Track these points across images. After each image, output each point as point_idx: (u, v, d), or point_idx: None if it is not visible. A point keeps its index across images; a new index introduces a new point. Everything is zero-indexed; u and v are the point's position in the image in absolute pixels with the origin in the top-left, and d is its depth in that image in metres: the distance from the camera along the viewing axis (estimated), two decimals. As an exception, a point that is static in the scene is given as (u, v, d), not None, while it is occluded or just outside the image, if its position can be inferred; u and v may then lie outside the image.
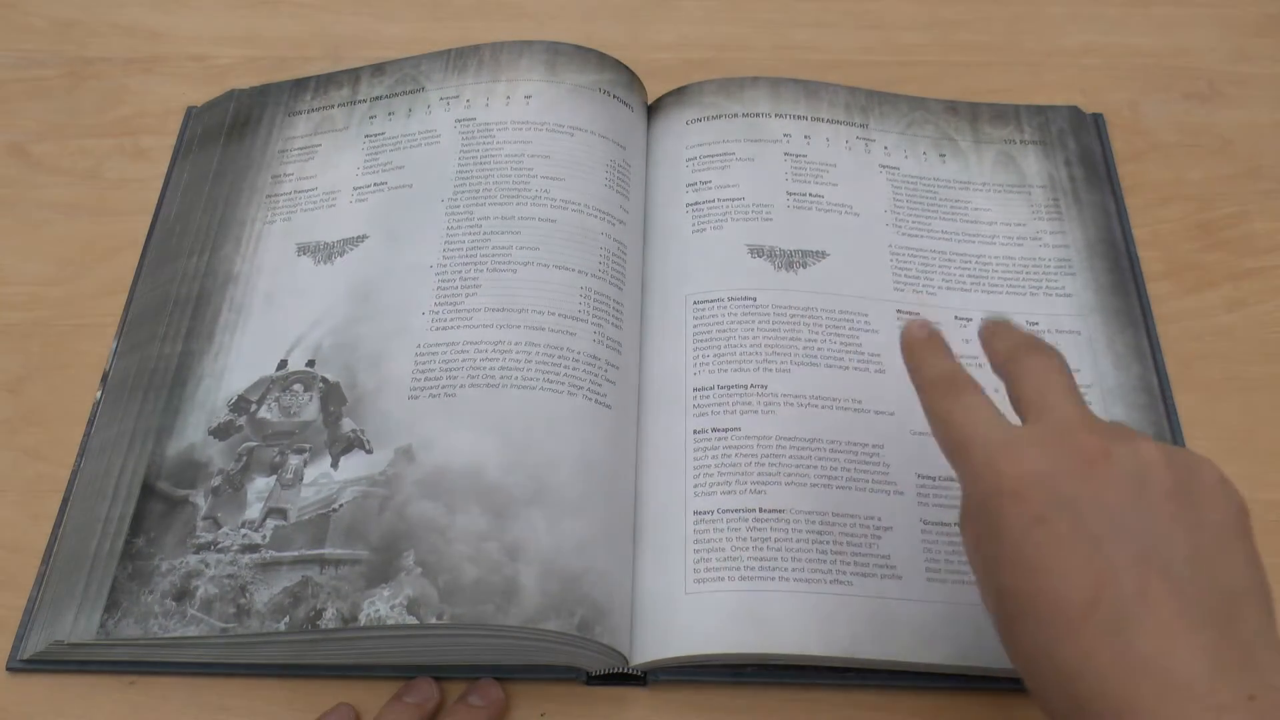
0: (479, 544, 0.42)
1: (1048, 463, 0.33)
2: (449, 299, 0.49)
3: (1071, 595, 0.31)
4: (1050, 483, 0.33)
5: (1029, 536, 0.32)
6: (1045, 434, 0.34)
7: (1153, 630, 0.30)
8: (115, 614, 0.43)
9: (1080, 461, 0.33)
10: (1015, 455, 0.34)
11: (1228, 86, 0.62)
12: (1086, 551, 0.31)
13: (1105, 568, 0.31)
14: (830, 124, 0.57)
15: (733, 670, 0.44)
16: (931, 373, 0.38)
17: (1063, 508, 0.32)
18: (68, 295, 0.55)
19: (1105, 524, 0.32)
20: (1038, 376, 0.37)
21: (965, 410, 0.36)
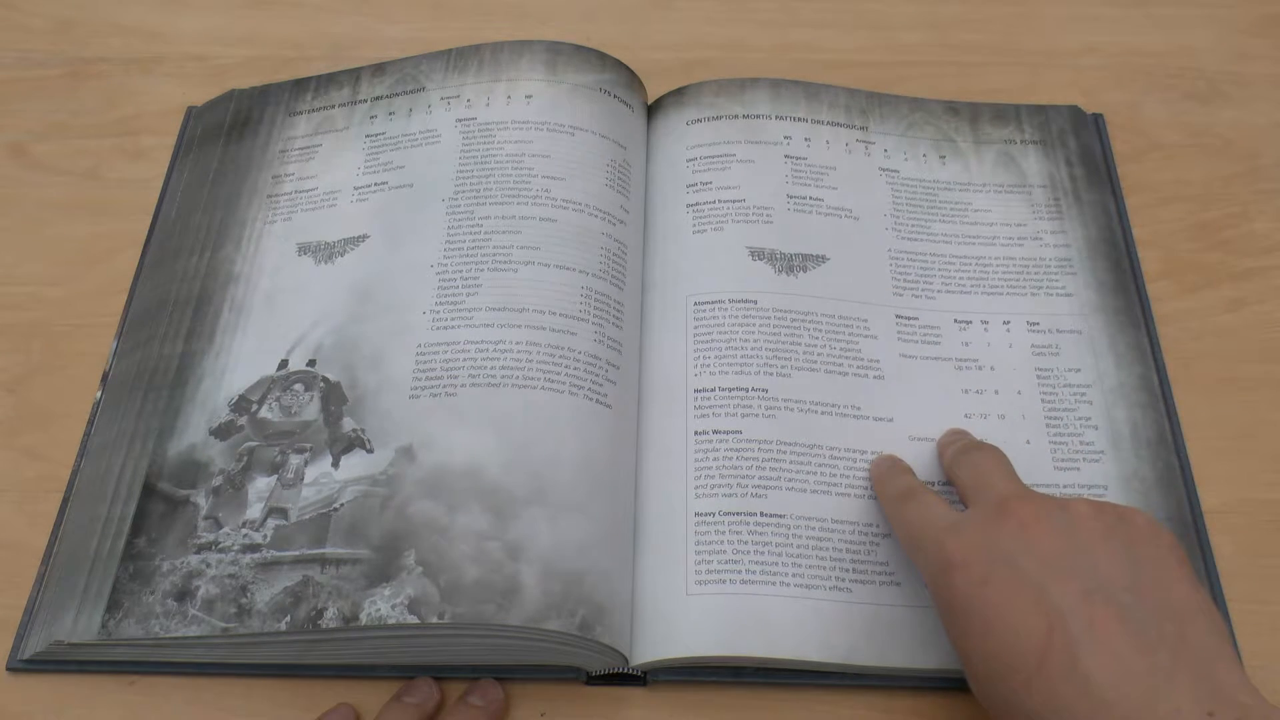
0: (480, 543, 0.42)
1: (986, 532, 0.37)
2: (449, 298, 0.49)
3: (1025, 644, 0.33)
4: (990, 547, 0.36)
5: (977, 598, 0.35)
6: (983, 510, 0.38)
7: (1107, 659, 0.32)
8: (116, 614, 0.43)
9: (1015, 524, 0.36)
10: (958, 533, 0.37)
11: (1228, 86, 0.62)
12: (1032, 598, 0.34)
13: (1051, 609, 0.33)
14: (830, 126, 0.57)
15: (733, 671, 0.44)
16: (891, 489, 0.44)
17: (1003, 564, 0.35)
18: (68, 295, 0.55)
19: (1045, 570, 0.34)
20: (976, 467, 0.42)
21: (917, 508, 0.41)
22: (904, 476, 0.44)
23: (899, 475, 0.45)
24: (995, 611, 0.34)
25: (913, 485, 0.43)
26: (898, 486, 0.44)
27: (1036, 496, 0.38)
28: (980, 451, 0.43)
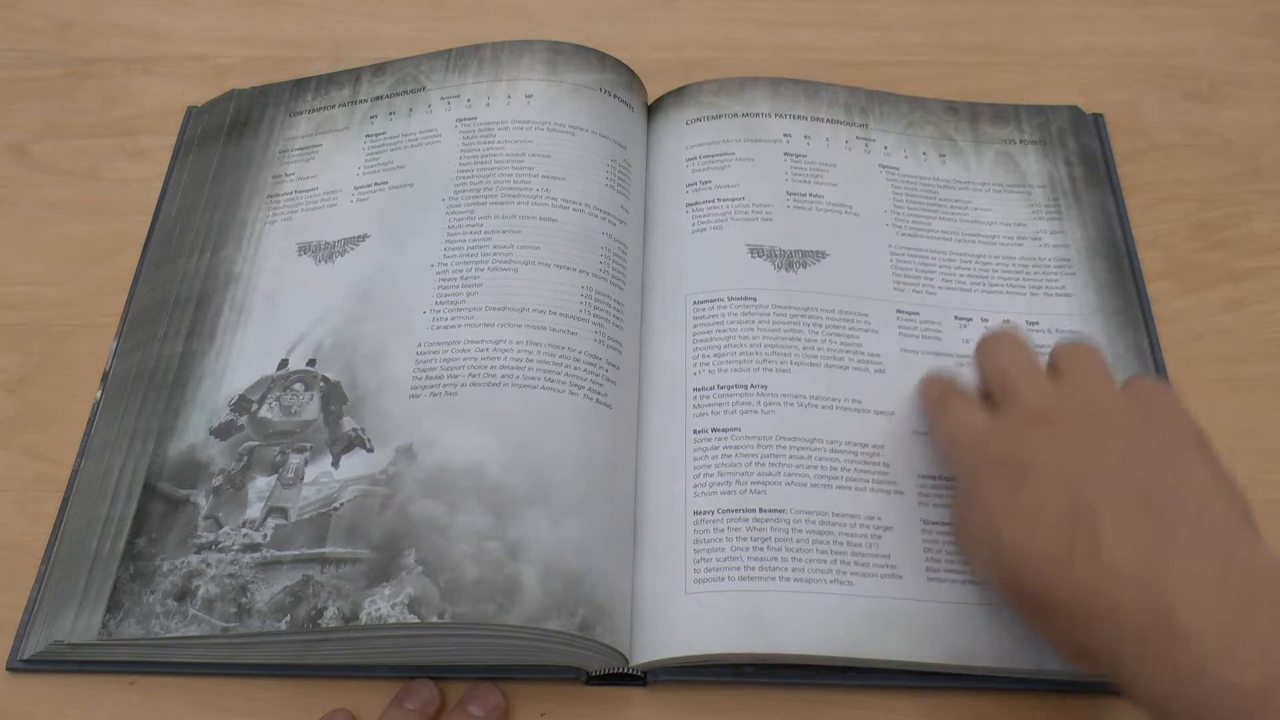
0: (480, 543, 0.42)
1: (1020, 437, 0.39)
2: (450, 298, 0.49)
3: (1056, 538, 0.36)
4: (1022, 452, 0.39)
5: (1011, 498, 0.38)
6: (1015, 419, 0.40)
7: (1128, 542, 0.35)
8: (117, 614, 0.43)
9: (1046, 431, 0.39)
10: (990, 442, 0.40)
11: (1228, 86, 0.62)
12: (1064, 498, 0.37)
13: (1080, 505, 0.36)
14: (830, 124, 0.57)
15: (733, 670, 0.44)
16: (933, 392, 0.46)
17: (1035, 468, 0.38)
18: (68, 295, 0.55)
19: (1074, 471, 0.37)
20: (1000, 363, 0.43)
21: (954, 413, 0.43)
22: (941, 381, 0.46)
23: (937, 381, 0.47)
24: (1028, 511, 0.37)
25: (951, 388, 0.45)
26: (938, 388, 0.46)
27: (1065, 402, 0.40)
28: (997, 340, 0.45)
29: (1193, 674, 0.32)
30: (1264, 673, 0.31)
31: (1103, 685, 0.43)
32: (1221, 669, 0.32)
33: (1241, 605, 0.33)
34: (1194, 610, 0.33)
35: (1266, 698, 0.31)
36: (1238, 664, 0.32)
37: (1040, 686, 0.43)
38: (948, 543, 0.45)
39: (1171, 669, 0.33)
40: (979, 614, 0.43)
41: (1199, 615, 0.33)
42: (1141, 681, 0.34)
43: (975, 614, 0.43)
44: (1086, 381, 0.41)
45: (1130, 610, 0.34)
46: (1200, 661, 0.32)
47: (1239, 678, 0.32)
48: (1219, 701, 0.32)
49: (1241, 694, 0.31)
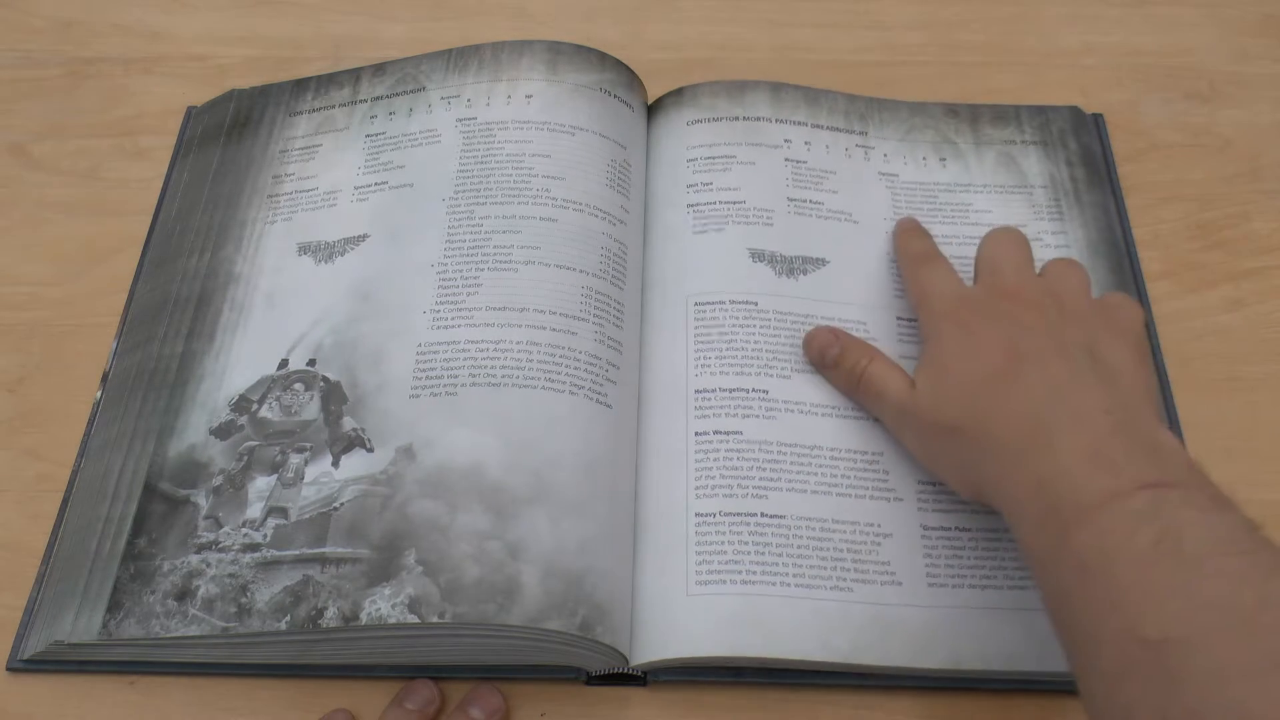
0: (480, 543, 0.42)
1: (985, 300, 0.45)
2: (450, 298, 0.49)
3: (985, 371, 0.41)
4: (982, 309, 0.44)
5: (960, 336, 0.43)
6: (987, 287, 0.46)
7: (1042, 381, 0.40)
8: (118, 614, 0.42)
9: (1010, 301, 0.44)
10: (960, 299, 0.46)
11: (1228, 86, 0.62)
12: (1004, 343, 0.42)
13: (1017, 351, 0.41)
14: (830, 131, 0.57)
15: (733, 671, 0.44)
16: (911, 249, 0.51)
17: (988, 320, 0.43)
18: (68, 295, 0.55)
19: (1018, 329, 0.42)
20: (996, 248, 0.48)
21: (931, 273, 0.48)
22: (925, 240, 0.51)
23: (920, 238, 0.52)
24: (972, 348, 0.43)
25: (930, 250, 0.50)
26: (918, 248, 0.51)
27: (1039, 286, 0.45)
28: (1005, 236, 0.48)
29: (1051, 481, 0.37)
30: (1106, 489, 0.35)
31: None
32: (1074, 479, 0.36)
33: (1112, 442, 0.37)
34: (1071, 435, 0.37)
35: (1102, 510, 0.35)
36: (1089, 480, 0.36)
37: (1039, 688, 0.43)
38: (947, 548, 0.45)
39: (1035, 478, 0.37)
40: (978, 619, 0.43)
41: (1073, 439, 0.37)
42: (1008, 490, 0.39)
43: (974, 619, 0.43)
44: (1062, 280, 0.45)
45: (1024, 427, 0.39)
46: (1060, 473, 0.36)
47: (1085, 490, 0.36)
48: (1065, 506, 0.36)
49: (1081, 506, 0.35)
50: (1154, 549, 0.33)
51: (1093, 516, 0.35)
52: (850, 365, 0.47)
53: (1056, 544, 0.36)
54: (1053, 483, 0.37)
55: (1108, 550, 0.34)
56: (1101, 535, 0.35)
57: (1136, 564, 0.33)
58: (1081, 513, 0.35)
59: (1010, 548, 0.45)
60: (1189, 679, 0.31)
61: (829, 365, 0.48)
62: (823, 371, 0.49)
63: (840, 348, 0.48)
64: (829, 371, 0.48)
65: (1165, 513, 0.34)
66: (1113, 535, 0.34)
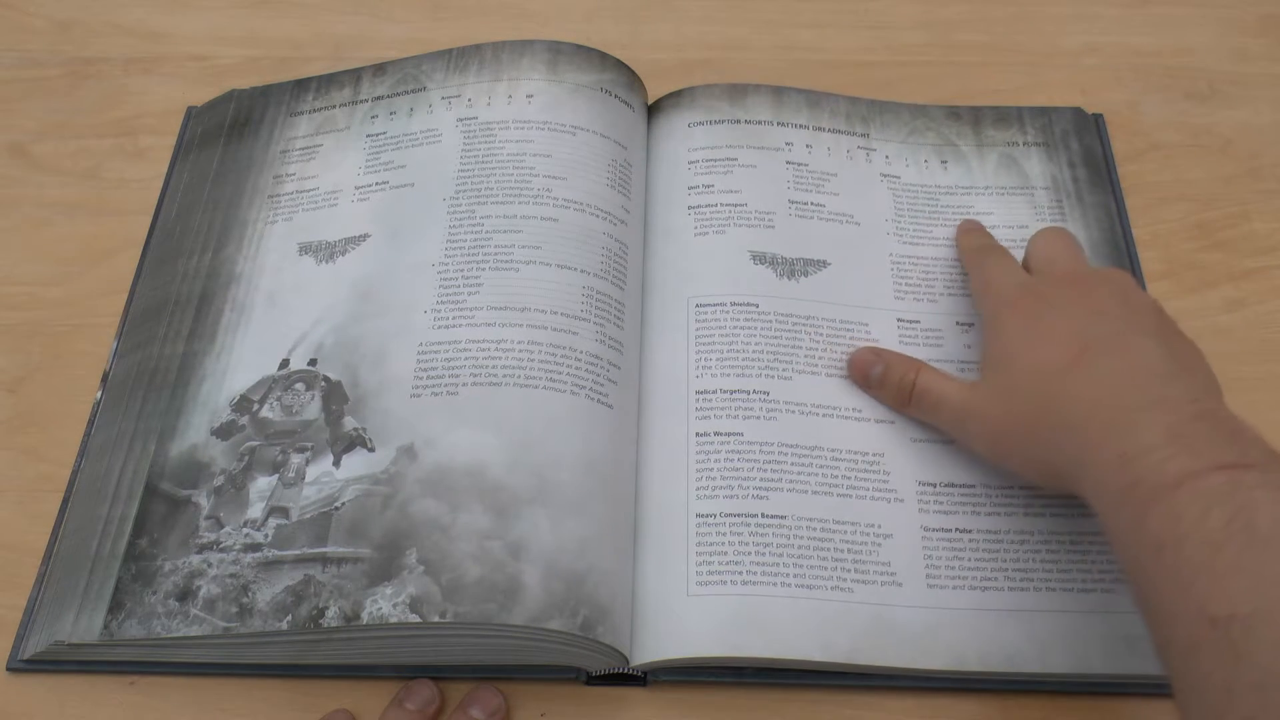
0: (482, 542, 0.42)
1: (1050, 287, 0.46)
2: (451, 297, 0.49)
3: (1060, 355, 0.41)
4: (1048, 298, 0.45)
5: (1026, 328, 0.44)
6: (1044, 276, 0.47)
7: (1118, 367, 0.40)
8: (119, 614, 0.42)
9: (1075, 290, 0.45)
10: (1026, 288, 0.46)
11: (1228, 86, 0.62)
12: (1072, 329, 0.42)
13: (1089, 337, 0.42)
14: (831, 134, 0.57)
15: (733, 671, 0.44)
16: (971, 243, 0.52)
17: (1051, 306, 0.44)
18: (68, 295, 0.55)
19: (1086, 315, 0.43)
20: (1051, 244, 0.49)
21: (994, 264, 0.49)
22: (984, 234, 0.53)
23: (979, 233, 0.53)
24: (1042, 335, 0.43)
25: (990, 242, 0.52)
26: (978, 241, 0.52)
27: (1100, 276, 0.46)
28: (1056, 231, 0.50)
29: (1134, 458, 0.37)
30: (1185, 469, 0.35)
31: (1101, 688, 0.43)
32: (1155, 458, 0.36)
33: (1195, 426, 0.37)
34: (1155, 415, 0.38)
35: (1179, 489, 0.35)
36: (1169, 460, 0.36)
37: (1040, 689, 0.43)
38: (948, 549, 0.45)
39: (1118, 455, 0.37)
40: (979, 620, 0.43)
41: (1156, 419, 0.37)
42: (1088, 470, 0.39)
43: (975, 620, 0.43)
44: (1116, 276, 0.46)
45: (1105, 410, 0.39)
46: (1142, 451, 0.37)
47: (1165, 470, 0.36)
48: (1144, 485, 0.36)
49: (1160, 486, 0.36)
50: (1225, 528, 0.34)
51: (1169, 496, 0.35)
52: (897, 381, 0.47)
53: (1135, 522, 0.36)
54: (1135, 460, 0.37)
55: (1181, 530, 0.35)
56: (1176, 515, 0.35)
57: (1207, 543, 0.34)
58: (1159, 492, 0.36)
59: (1011, 550, 0.45)
60: (1254, 654, 0.31)
61: (875, 385, 0.48)
62: (870, 391, 0.49)
63: (884, 365, 0.48)
64: (876, 391, 0.48)
65: (1240, 493, 0.34)
66: (1187, 515, 0.35)
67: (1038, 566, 0.45)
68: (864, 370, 0.49)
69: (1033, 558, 0.45)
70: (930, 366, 0.48)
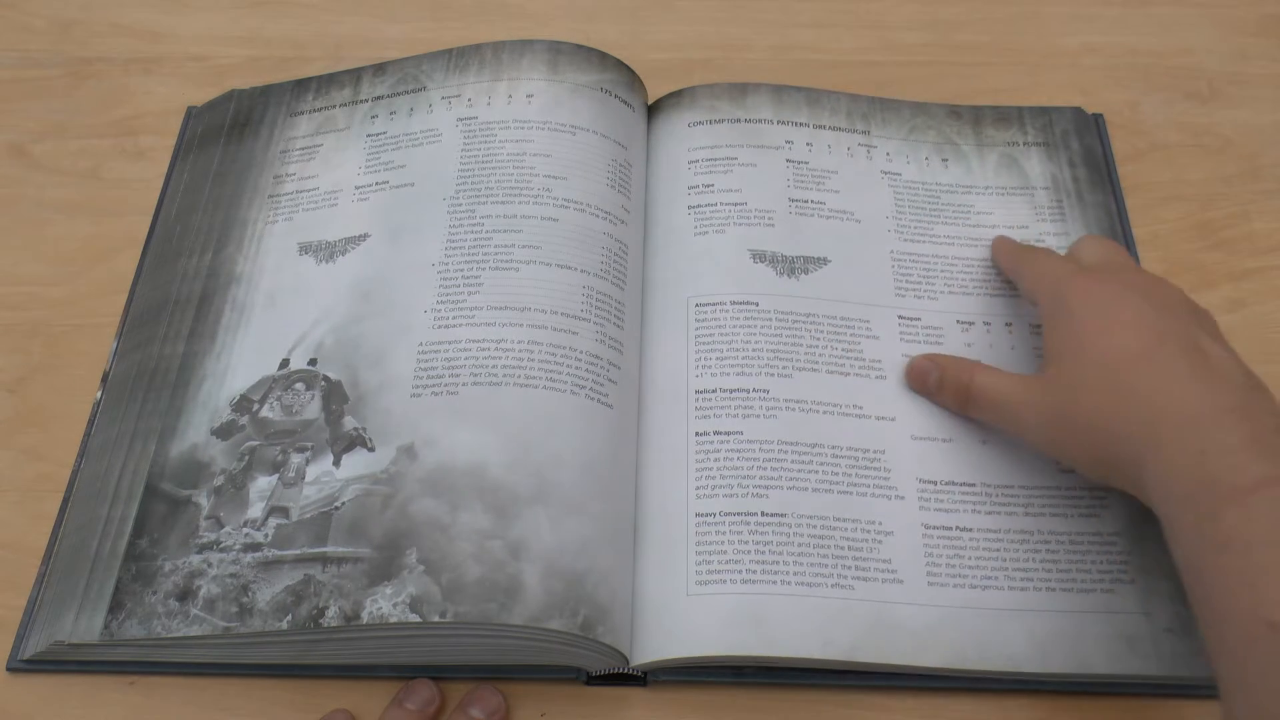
0: (482, 542, 0.42)
1: (1114, 277, 0.45)
2: (451, 297, 0.49)
3: (1135, 343, 0.41)
4: (1115, 285, 0.44)
5: (1094, 314, 0.43)
6: (1103, 269, 0.46)
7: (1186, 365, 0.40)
8: (119, 615, 0.42)
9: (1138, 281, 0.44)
10: (1089, 277, 0.45)
11: (1228, 86, 0.62)
12: (1143, 318, 0.42)
13: (1157, 328, 0.41)
14: (832, 131, 0.57)
15: (733, 671, 0.44)
16: (1008, 246, 0.52)
17: (1117, 292, 0.43)
18: (68, 295, 0.55)
19: (1152, 305, 0.42)
20: (1100, 249, 0.48)
21: (1039, 256, 0.49)
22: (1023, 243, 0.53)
23: (1013, 240, 0.53)
24: (1115, 322, 0.43)
25: (1033, 246, 0.52)
26: (1015, 245, 0.52)
27: (1158, 277, 0.45)
28: (1099, 238, 0.50)
29: (1214, 456, 0.37)
30: (1264, 475, 0.36)
31: (1100, 688, 0.43)
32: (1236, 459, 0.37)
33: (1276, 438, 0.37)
34: (1237, 419, 0.38)
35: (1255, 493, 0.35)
36: (1250, 463, 0.36)
37: (1038, 688, 0.43)
38: (948, 547, 0.45)
39: (1197, 450, 0.37)
40: (979, 619, 0.43)
41: (1238, 423, 0.38)
42: (1157, 465, 0.39)
43: (975, 619, 0.43)
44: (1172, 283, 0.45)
45: (1184, 404, 0.39)
46: (1224, 451, 0.37)
47: (1244, 473, 0.36)
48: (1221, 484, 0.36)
49: (1237, 487, 0.36)
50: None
51: (1245, 499, 0.36)
52: (954, 384, 0.47)
53: (1204, 519, 0.36)
54: (1214, 459, 0.37)
55: (1252, 532, 0.35)
56: (1249, 517, 0.35)
57: (1275, 548, 0.34)
58: (1235, 493, 0.36)
59: (1011, 549, 0.45)
60: None
61: (934, 391, 0.48)
62: (932, 399, 0.48)
63: (939, 371, 0.48)
64: (936, 397, 0.48)
65: None
66: (1260, 519, 0.35)
67: (1038, 566, 0.45)
68: (922, 378, 0.48)
69: (1033, 557, 0.45)
70: (986, 366, 0.47)
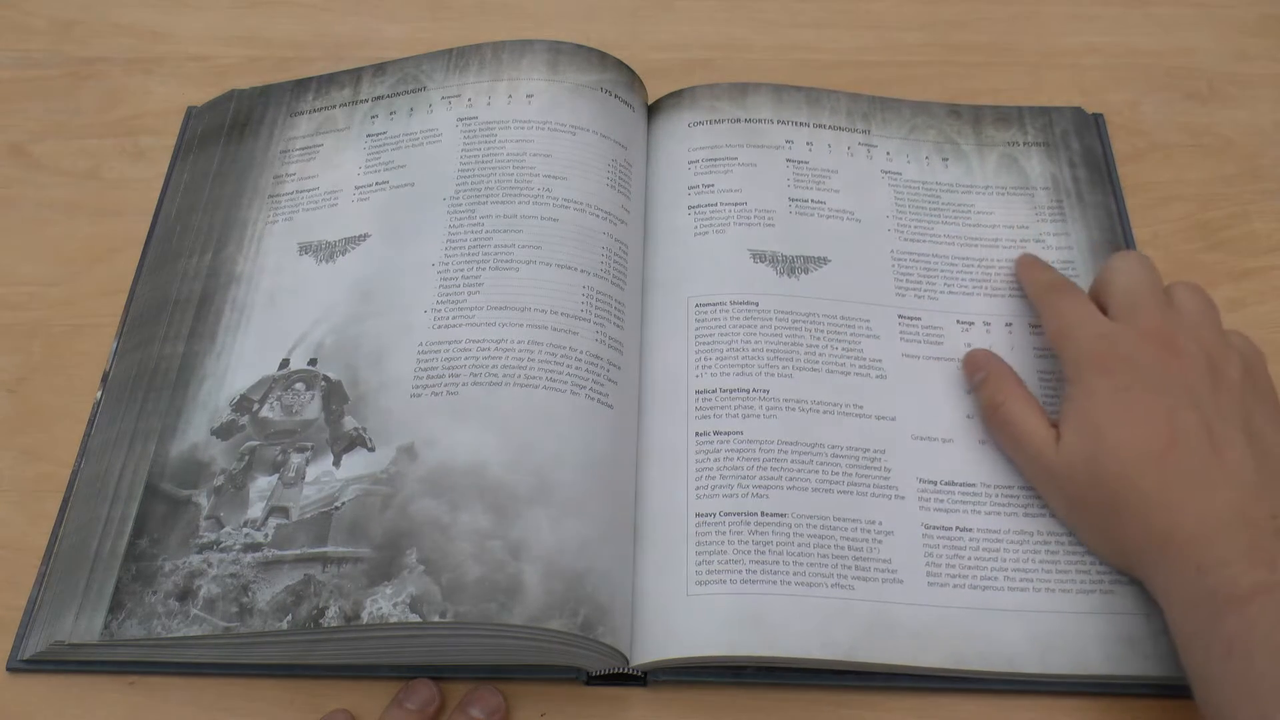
0: (482, 542, 0.42)
1: (1135, 347, 0.43)
2: (451, 297, 0.49)
3: (1152, 444, 0.41)
4: (1135, 361, 0.43)
5: (1117, 400, 0.42)
6: (1134, 330, 0.44)
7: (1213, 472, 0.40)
8: (119, 615, 0.42)
9: (1162, 352, 0.43)
10: (1110, 341, 0.44)
11: (1228, 86, 0.62)
12: (1164, 415, 0.41)
13: (1178, 427, 0.41)
14: (832, 130, 0.57)
15: (733, 671, 0.44)
16: (1042, 279, 0.50)
17: (1144, 381, 0.42)
18: (68, 295, 0.55)
19: (1174, 396, 0.42)
20: (1128, 279, 0.46)
21: (1071, 306, 0.47)
22: (1051, 270, 0.51)
23: (1045, 268, 0.51)
24: (1131, 410, 0.42)
25: (1062, 281, 0.49)
26: (1047, 278, 0.50)
27: (1182, 334, 0.44)
28: (1135, 261, 0.47)
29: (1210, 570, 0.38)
30: (1261, 583, 0.36)
31: (1099, 689, 0.43)
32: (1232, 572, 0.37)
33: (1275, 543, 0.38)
34: (1233, 532, 0.38)
35: (1252, 601, 0.36)
36: (1245, 573, 0.37)
37: (1038, 689, 0.43)
38: (948, 547, 0.45)
39: (1195, 565, 0.38)
40: (979, 619, 0.43)
41: (1235, 535, 0.38)
42: (1163, 572, 0.40)
43: (975, 619, 0.43)
44: (1201, 322, 0.45)
45: (1186, 516, 0.39)
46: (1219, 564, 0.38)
47: (1240, 583, 0.37)
48: (1219, 596, 0.37)
49: (1235, 597, 0.37)
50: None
51: (1243, 607, 0.36)
52: (990, 395, 0.47)
53: (1207, 628, 0.37)
54: (1211, 572, 0.38)
55: (1252, 640, 0.36)
56: (1249, 625, 0.36)
57: (1275, 654, 0.35)
58: (1234, 602, 0.37)
59: (1011, 549, 0.45)
60: None
61: (974, 389, 0.48)
62: (972, 393, 0.48)
63: (984, 374, 0.48)
64: (975, 394, 0.48)
65: None
66: (1259, 626, 0.36)
67: (1037, 567, 0.44)
68: (971, 371, 0.48)
69: (1032, 558, 0.45)
70: (1023, 394, 0.46)
